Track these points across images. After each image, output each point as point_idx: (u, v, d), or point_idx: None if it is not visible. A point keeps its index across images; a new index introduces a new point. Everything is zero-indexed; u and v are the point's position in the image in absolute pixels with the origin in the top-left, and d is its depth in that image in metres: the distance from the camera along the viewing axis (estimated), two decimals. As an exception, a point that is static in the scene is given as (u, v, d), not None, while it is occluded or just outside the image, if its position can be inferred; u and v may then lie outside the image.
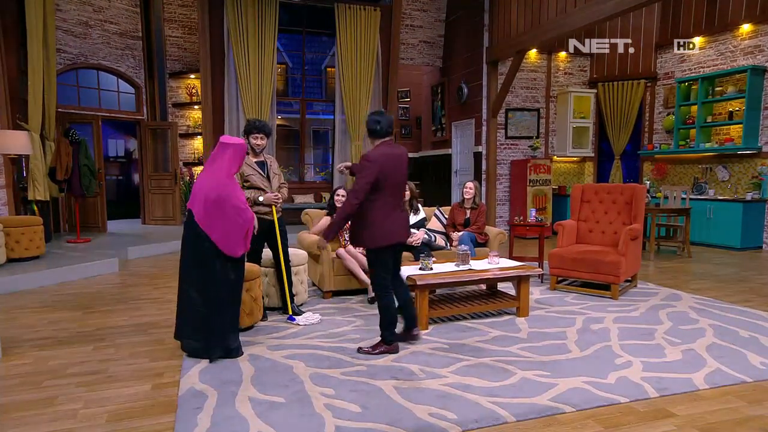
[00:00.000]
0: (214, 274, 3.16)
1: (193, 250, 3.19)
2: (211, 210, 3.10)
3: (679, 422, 2.41)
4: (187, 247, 3.22)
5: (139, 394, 2.74)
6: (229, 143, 3.22)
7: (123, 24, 9.08)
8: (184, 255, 3.25)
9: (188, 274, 3.22)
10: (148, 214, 9.59)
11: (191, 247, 3.19)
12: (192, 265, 3.20)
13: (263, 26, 8.96)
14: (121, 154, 11.63)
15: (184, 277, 3.24)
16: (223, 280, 3.19)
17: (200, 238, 3.13)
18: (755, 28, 7.55)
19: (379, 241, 3.21)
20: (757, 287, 5.17)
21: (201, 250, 3.15)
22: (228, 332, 3.23)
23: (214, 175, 3.16)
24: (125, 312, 4.34)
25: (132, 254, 6.91)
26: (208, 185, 3.14)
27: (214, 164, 3.20)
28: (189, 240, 3.20)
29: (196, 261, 3.18)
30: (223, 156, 3.19)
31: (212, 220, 3.11)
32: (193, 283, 3.20)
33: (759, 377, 2.91)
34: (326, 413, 2.49)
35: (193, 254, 3.19)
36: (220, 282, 3.18)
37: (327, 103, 11.25)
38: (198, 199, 3.15)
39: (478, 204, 5.32)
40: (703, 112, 8.14)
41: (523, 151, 9.51)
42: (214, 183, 3.13)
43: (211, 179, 3.16)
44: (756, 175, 7.59)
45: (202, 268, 3.17)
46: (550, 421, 2.42)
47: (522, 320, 4.03)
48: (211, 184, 3.13)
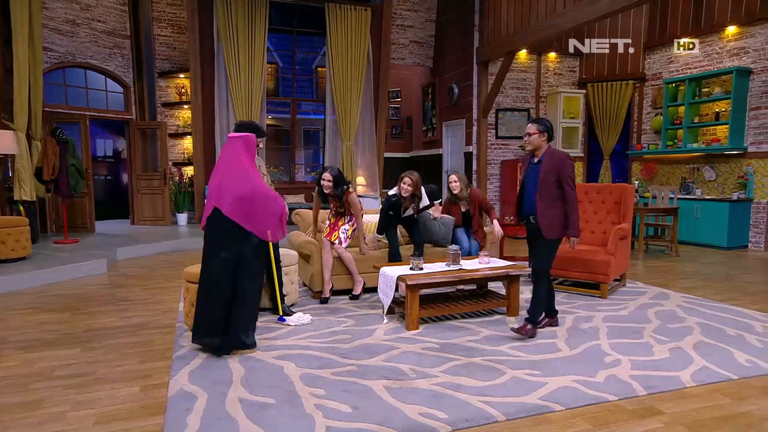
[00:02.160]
0: (247, 266, 3.25)
1: (225, 244, 3.22)
2: (247, 205, 3.21)
3: (666, 420, 2.44)
4: (216, 244, 3.25)
5: (128, 396, 2.72)
6: (238, 137, 3.32)
7: (111, 22, 8.99)
8: (212, 252, 3.25)
9: (216, 269, 3.23)
10: (137, 214, 9.51)
11: (221, 242, 3.23)
12: (222, 260, 3.22)
13: (253, 26, 8.93)
14: (110, 153, 11.53)
15: (213, 272, 3.24)
16: (254, 270, 3.30)
17: (232, 232, 3.21)
18: (740, 30, 7.66)
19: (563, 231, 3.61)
20: (743, 286, 5.24)
21: (233, 244, 3.21)
22: (251, 324, 3.33)
23: (238, 173, 3.24)
24: (114, 313, 4.30)
25: (121, 255, 6.84)
26: (236, 184, 3.21)
27: (233, 163, 3.27)
28: (217, 236, 3.24)
29: (227, 255, 3.21)
30: (238, 151, 3.28)
31: (248, 214, 3.21)
32: (221, 277, 3.22)
33: (745, 374, 2.95)
34: (317, 413, 2.48)
35: (225, 248, 3.21)
36: (250, 273, 3.27)
37: (318, 103, 11.23)
38: (225, 196, 3.20)
39: (471, 193, 5.04)
40: (691, 112, 8.24)
41: (513, 152, 9.56)
42: (243, 180, 3.22)
43: (237, 177, 3.23)
44: (742, 175, 7.70)
45: (234, 261, 3.22)
46: (540, 420, 2.44)
47: (512, 319, 4.05)
48: (239, 182, 3.21)
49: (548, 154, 3.58)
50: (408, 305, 3.78)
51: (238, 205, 3.20)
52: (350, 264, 4.66)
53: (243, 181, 3.23)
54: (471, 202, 5.03)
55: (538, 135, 3.56)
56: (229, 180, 3.24)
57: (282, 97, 12.76)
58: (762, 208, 7.48)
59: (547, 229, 3.55)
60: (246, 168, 3.27)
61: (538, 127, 3.56)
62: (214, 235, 3.27)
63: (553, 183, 3.53)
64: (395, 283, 3.86)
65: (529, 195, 3.65)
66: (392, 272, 3.94)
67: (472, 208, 5.02)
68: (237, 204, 3.20)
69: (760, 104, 7.46)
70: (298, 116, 10.71)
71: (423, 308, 3.92)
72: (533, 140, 3.59)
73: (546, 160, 3.56)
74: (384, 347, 3.42)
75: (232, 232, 3.21)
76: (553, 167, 3.52)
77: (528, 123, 3.65)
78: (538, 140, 3.58)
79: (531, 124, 3.60)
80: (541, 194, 3.55)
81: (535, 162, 3.65)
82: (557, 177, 3.52)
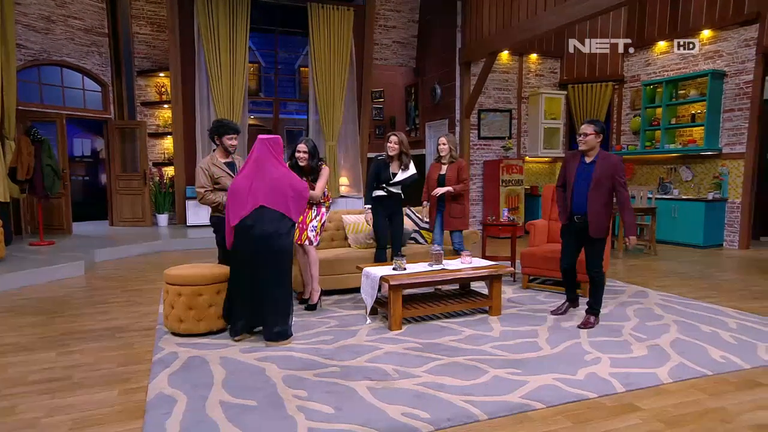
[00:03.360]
0: (287, 252, 3.56)
1: (269, 235, 3.45)
2: (292, 197, 3.56)
3: (644, 416, 2.48)
4: (258, 237, 3.44)
5: (106, 401, 2.67)
6: (265, 138, 3.61)
7: (88, 20, 8.81)
8: (252, 247, 3.45)
9: (257, 262, 3.45)
10: (116, 215, 9.33)
11: (264, 234, 3.44)
12: (264, 253, 3.45)
13: (235, 24, 8.85)
14: (88, 153, 11.28)
15: (254, 267, 3.46)
16: (290, 255, 3.64)
17: (285, 225, 3.51)
18: (715, 34, 7.84)
19: (608, 231, 3.82)
20: (718, 283, 5.36)
21: (276, 232, 3.47)
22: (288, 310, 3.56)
23: (276, 173, 3.54)
24: (92, 316, 4.21)
25: (99, 257, 6.71)
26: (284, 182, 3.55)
27: (266, 162, 3.54)
28: (259, 228, 3.44)
29: (271, 245, 3.45)
30: (267, 153, 3.56)
31: (291, 205, 3.56)
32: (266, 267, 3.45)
33: (719, 370, 3.02)
34: (299, 415, 2.47)
35: (268, 239, 3.45)
36: (289, 258, 3.60)
37: (300, 103, 11.17)
38: (264, 192, 3.49)
39: (456, 158, 4.92)
40: (668, 114, 8.40)
41: (495, 152, 9.63)
42: (287, 179, 3.58)
43: (280, 175, 3.55)
44: (717, 176, 7.87)
45: (277, 250, 3.47)
46: (522, 418, 2.46)
47: (495, 319, 4.08)
48: (284, 181, 3.56)
49: (602, 156, 3.72)
50: (391, 305, 3.78)
51: (291, 199, 3.55)
52: (314, 266, 4.25)
53: (288, 180, 3.58)
54: (452, 168, 4.86)
55: (594, 136, 3.68)
56: (269, 181, 3.51)
57: (264, 96, 12.66)
58: (736, 208, 7.66)
59: (597, 230, 3.73)
60: (283, 168, 3.61)
61: (595, 128, 3.68)
62: (254, 229, 3.45)
63: (606, 185, 3.66)
64: (378, 283, 3.86)
65: (580, 194, 3.75)
66: (375, 272, 3.94)
67: (450, 171, 4.85)
68: (289, 198, 3.54)
69: (734, 106, 7.65)
70: (280, 116, 10.64)
71: (406, 308, 3.92)
72: (589, 141, 3.69)
73: (601, 162, 3.69)
74: (367, 348, 3.42)
75: (279, 223, 3.49)
76: (609, 170, 3.66)
77: (584, 123, 3.76)
78: (594, 140, 3.70)
79: (587, 125, 3.71)
80: (594, 195, 3.69)
81: (587, 162, 3.76)
82: (612, 180, 3.65)
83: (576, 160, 3.85)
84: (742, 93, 7.53)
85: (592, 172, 3.70)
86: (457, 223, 4.84)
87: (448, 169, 4.88)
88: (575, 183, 3.80)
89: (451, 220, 4.82)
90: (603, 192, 3.69)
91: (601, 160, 3.70)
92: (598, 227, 3.72)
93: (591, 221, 3.72)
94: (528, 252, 5.05)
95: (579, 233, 3.86)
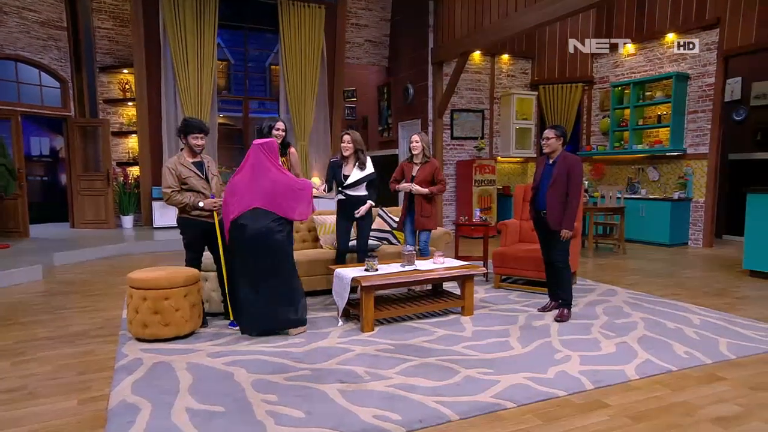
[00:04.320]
0: (282, 246, 3.67)
1: (262, 233, 3.56)
2: (288, 199, 3.68)
3: (612, 412, 2.51)
4: (251, 236, 3.55)
5: (64, 411, 2.55)
6: (258, 143, 3.72)
7: (45, 12, 8.43)
8: (247, 245, 3.55)
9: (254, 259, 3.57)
10: (77, 217, 8.98)
11: (257, 233, 3.55)
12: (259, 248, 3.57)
13: (202, 20, 8.65)
14: (47, 152, 10.86)
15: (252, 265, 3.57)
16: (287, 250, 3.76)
17: (278, 223, 3.62)
18: (679, 37, 8.06)
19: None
20: (683, 281, 5.51)
21: (279, 232, 3.62)
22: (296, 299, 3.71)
23: (271, 177, 3.65)
24: (49, 323, 4.03)
25: (58, 260, 6.45)
26: (280, 186, 3.66)
27: (261, 168, 3.66)
28: (262, 231, 3.56)
29: (265, 241, 3.57)
30: (261, 159, 3.67)
31: (288, 206, 3.68)
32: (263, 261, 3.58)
33: (683, 365, 3.09)
34: (268, 420, 2.41)
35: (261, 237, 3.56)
36: (285, 251, 3.70)
37: (271, 102, 11.01)
38: (258, 195, 3.62)
39: (428, 158, 4.78)
40: (636, 115, 8.61)
41: (468, 152, 9.69)
42: (283, 182, 3.69)
43: (275, 179, 3.66)
44: (682, 176, 8.11)
45: (270, 244, 3.59)
46: (493, 418, 2.46)
47: (467, 319, 4.08)
48: (280, 184, 3.67)
49: (562, 157, 4.05)
50: (363, 307, 3.74)
51: (286, 199, 3.67)
52: None
53: (284, 180, 3.69)
54: (424, 169, 4.73)
55: (555, 139, 4.04)
56: (266, 183, 3.63)
57: (234, 95, 12.44)
58: (700, 207, 7.90)
59: (554, 223, 4.01)
60: (276, 170, 3.71)
61: (556, 132, 4.05)
62: (258, 232, 3.56)
63: (563, 182, 3.98)
64: (350, 284, 3.81)
65: (543, 192, 4.09)
66: (347, 274, 3.89)
67: (422, 172, 4.72)
68: (283, 199, 3.66)
69: (697, 108, 7.88)
70: (250, 115, 10.46)
71: (378, 310, 3.89)
72: (551, 143, 4.05)
73: (560, 162, 4.03)
74: (338, 350, 3.37)
75: (279, 224, 3.63)
76: (566, 168, 3.98)
77: (546, 129, 4.11)
78: (556, 143, 4.05)
79: (549, 130, 4.07)
80: (552, 192, 4.01)
81: (550, 163, 4.10)
82: (567, 177, 3.97)
83: (541, 163, 4.23)
84: (705, 95, 7.77)
85: (552, 172, 4.05)
86: (428, 222, 4.79)
87: (420, 169, 4.75)
88: (540, 182, 4.15)
89: (422, 219, 4.76)
90: (559, 189, 3.99)
91: (561, 160, 4.04)
92: (555, 220, 4.01)
93: (548, 215, 4.04)
94: (500, 252, 5.08)
95: (545, 227, 4.15)
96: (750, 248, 5.58)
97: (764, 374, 2.98)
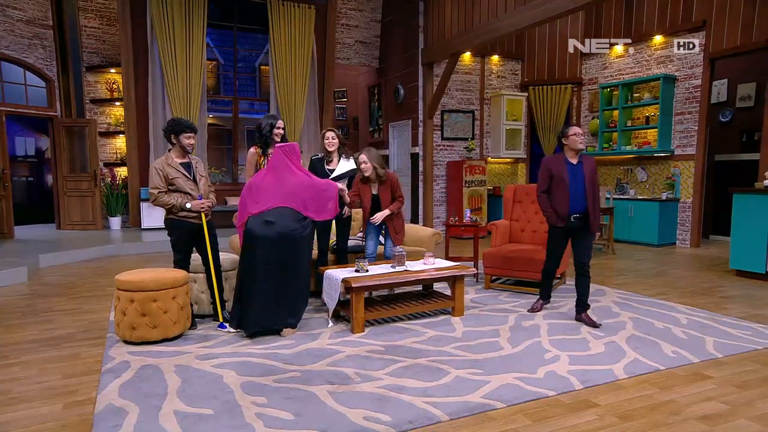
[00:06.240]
0: (310, 250, 3.81)
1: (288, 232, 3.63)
2: (314, 200, 3.79)
3: (600, 412, 2.52)
4: (291, 237, 3.64)
5: (49, 416, 2.50)
6: (280, 146, 3.83)
7: (30, 11, 8.31)
8: (284, 247, 3.61)
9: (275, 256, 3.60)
10: (63, 218, 8.87)
11: (295, 235, 3.66)
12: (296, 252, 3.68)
13: (191, 19, 8.58)
14: (32, 153, 10.71)
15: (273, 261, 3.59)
16: (308, 249, 3.81)
17: (304, 223, 3.72)
18: (666, 39, 8.15)
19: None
20: (672, 281, 5.57)
21: (305, 232, 3.72)
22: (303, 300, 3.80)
23: (293, 180, 3.76)
24: (34, 326, 3.97)
25: (44, 262, 6.35)
26: (302, 188, 3.77)
27: (283, 170, 3.76)
28: (292, 229, 3.65)
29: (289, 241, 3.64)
30: (283, 161, 3.77)
31: (313, 206, 3.78)
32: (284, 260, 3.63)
33: (670, 365, 3.12)
34: (257, 423, 2.39)
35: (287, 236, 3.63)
36: (303, 252, 3.75)
37: (261, 102, 10.96)
38: (284, 194, 3.72)
39: (383, 176, 4.42)
40: (624, 116, 8.69)
41: (458, 153, 9.71)
42: (306, 183, 3.81)
43: (298, 182, 3.77)
44: (670, 176, 8.19)
45: (305, 248, 3.73)
46: (482, 418, 2.46)
47: (457, 320, 4.08)
48: (303, 186, 3.78)
49: (585, 157, 3.94)
50: (353, 308, 3.73)
51: (312, 201, 3.77)
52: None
53: (307, 183, 3.81)
54: (383, 185, 4.45)
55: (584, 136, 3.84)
56: (285, 182, 3.73)
57: (223, 95, 12.37)
58: (687, 208, 7.99)
59: (595, 224, 3.91)
60: (302, 172, 3.84)
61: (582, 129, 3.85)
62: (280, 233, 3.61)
63: (595, 182, 3.89)
64: (340, 285, 3.80)
65: (577, 194, 3.87)
66: (337, 275, 3.88)
67: (383, 191, 4.45)
68: (308, 201, 3.76)
69: (684, 110, 7.97)
70: (240, 115, 10.40)
71: (369, 311, 3.88)
72: (584, 140, 3.91)
73: (585, 162, 3.91)
74: (328, 351, 3.36)
75: (302, 225, 3.71)
76: (593, 168, 3.91)
77: (572, 126, 3.91)
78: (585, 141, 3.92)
79: (578, 127, 3.89)
80: (591, 192, 3.87)
81: (574, 163, 3.91)
82: (594, 177, 3.89)
83: (561, 163, 3.91)
84: (692, 97, 7.86)
85: (583, 172, 3.88)
86: (402, 236, 4.63)
87: (381, 189, 4.45)
88: (570, 183, 3.86)
89: (397, 236, 4.56)
90: (595, 189, 3.90)
91: (585, 160, 3.92)
92: (596, 221, 3.92)
93: (593, 217, 3.87)
94: (490, 252, 5.09)
95: (572, 232, 3.98)
96: (736, 248, 5.65)
97: (749, 372, 3.02)
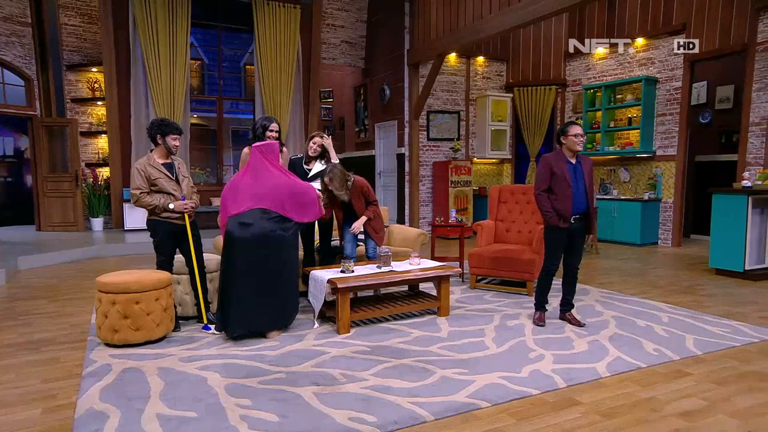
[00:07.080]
0: (295, 252, 3.79)
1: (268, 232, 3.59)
2: (291, 200, 3.72)
3: (583, 410, 2.55)
4: (270, 238, 3.59)
5: (26, 421, 2.45)
6: (257, 146, 3.79)
7: (7, 7, 8.13)
8: (264, 249, 3.56)
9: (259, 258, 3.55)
10: (43, 219, 8.70)
11: (275, 237, 3.61)
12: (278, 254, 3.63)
13: (174, 18, 8.48)
14: (10, 153, 10.50)
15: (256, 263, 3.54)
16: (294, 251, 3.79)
17: (283, 225, 3.67)
18: (648, 42, 8.28)
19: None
20: (654, 280, 5.65)
21: (286, 234, 3.66)
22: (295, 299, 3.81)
23: (272, 180, 3.72)
24: (13, 329, 3.89)
25: (23, 264, 6.23)
26: (281, 189, 3.71)
27: (261, 169, 3.72)
28: (269, 231, 3.60)
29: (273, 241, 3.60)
30: (260, 160, 3.73)
31: (291, 207, 3.72)
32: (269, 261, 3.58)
33: (651, 362, 3.16)
34: (242, 425, 2.37)
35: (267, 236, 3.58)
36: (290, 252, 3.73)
37: (246, 102, 10.88)
38: (261, 196, 3.66)
39: (350, 187, 4.29)
40: (607, 117, 8.80)
41: (444, 153, 9.75)
42: (284, 184, 3.75)
43: (276, 182, 3.72)
44: (652, 177, 8.32)
45: (288, 250, 3.69)
46: (467, 417, 2.47)
47: (443, 320, 4.09)
48: (282, 187, 3.73)
49: (582, 157, 3.86)
50: (339, 309, 3.72)
51: (290, 202, 3.71)
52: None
53: (285, 182, 3.75)
54: (356, 196, 4.33)
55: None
56: (262, 183, 3.68)
57: (208, 95, 12.26)
58: (669, 208, 8.12)
59: (594, 227, 3.80)
60: (279, 171, 3.79)
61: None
62: (262, 232, 3.57)
63: (592, 183, 3.81)
64: (326, 286, 3.79)
65: (579, 194, 3.75)
66: (322, 275, 3.86)
67: (355, 197, 4.33)
68: (285, 202, 3.69)
69: (665, 111, 8.10)
70: (225, 115, 10.32)
71: (354, 311, 3.87)
72: (583, 142, 3.76)
73: (583, 162, 3.83)
74: (314, 353, 3.34)
75: (283, 225, 3.67)
76: (591, 168, 3.85)
77: (573, 125, 3.77)
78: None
79: (579, 127, 3.76)
80: (591, 192, 3.82)
81: (573, 163, 3.79)
82: (592, 178, 3.82)
83: (562, 162, 3.75)
84: (673, 99, 7.99)
85: (582, 172, 3.78)
86: (383, 235, 4.61)
87: (353, 198, 4.33)
88: (573, 184, 3.71)
89: (377, 235, 4.51)
90: (593, 190, 3.86)
91: (583, 159, 3.84)
92: (594, 223, 3.91)
93: (592, 217, 3.87)
94: (476, 252, 5.12)
95: (571, 233, 3.81)
96: (715, 247, 5.76)
97: (727, 369, 3.08)
